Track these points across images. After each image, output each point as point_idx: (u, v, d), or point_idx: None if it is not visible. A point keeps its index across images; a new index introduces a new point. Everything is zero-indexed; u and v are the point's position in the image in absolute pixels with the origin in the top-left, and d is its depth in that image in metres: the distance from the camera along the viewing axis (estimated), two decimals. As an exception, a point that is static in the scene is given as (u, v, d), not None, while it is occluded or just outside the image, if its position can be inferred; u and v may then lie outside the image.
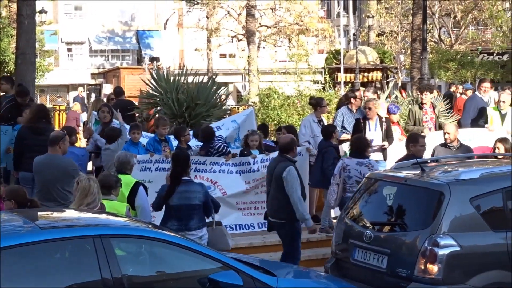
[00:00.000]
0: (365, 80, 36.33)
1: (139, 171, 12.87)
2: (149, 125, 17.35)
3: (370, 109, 14.58)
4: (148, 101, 18.31)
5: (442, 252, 8.46)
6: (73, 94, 65.00)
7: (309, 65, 24.84)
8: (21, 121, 13.68)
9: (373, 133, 14.39)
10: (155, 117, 16.38)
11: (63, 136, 11.35)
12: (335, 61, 39.32)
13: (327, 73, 35.16)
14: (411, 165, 9.87)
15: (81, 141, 19.05)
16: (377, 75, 36.75)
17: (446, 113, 20.38)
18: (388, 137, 14.60)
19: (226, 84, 25.13)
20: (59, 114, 31.10)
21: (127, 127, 14.15)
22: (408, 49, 44.18)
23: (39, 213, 8.09)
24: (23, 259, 6.62)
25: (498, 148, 12.35)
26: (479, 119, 15.84)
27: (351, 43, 54.45)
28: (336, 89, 30.88)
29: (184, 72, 18.23)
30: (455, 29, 52.24)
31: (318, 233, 12.70)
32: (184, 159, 10.46)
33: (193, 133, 14.78)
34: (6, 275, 6.44)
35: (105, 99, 21.36)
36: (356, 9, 58.77)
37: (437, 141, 13.18)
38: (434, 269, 8.45)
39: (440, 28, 51.51)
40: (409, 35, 40.47)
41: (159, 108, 17.64)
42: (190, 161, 10.60)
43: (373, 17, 50.07)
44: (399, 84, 42.91)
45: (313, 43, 51.11)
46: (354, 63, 37.22)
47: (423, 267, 8.52)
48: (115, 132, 13.79)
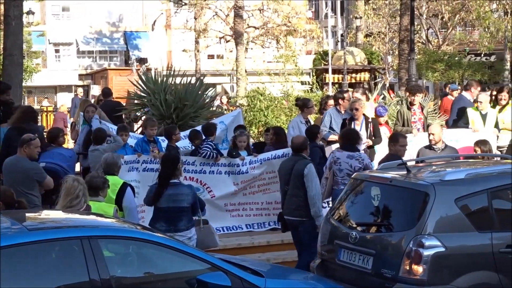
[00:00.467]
0: (353, 81, 36.41)
1: (127, 171, 12.82)
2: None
3: (357, 109, 14.60)
4: (136, 102, 18.28)
5: (427, 252, 8.41)
6: (61, 95, 65.01)
7: (296, 66, 24.86)
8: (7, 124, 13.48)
9: None
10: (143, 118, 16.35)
11: (28, 140, 11.13)
12: (323, 62, 39.42)
13: (315, 74, 35.26)
14: (397, 166, 9.87)
15: (69, 142, 19.01)
16: (365, 76, 36.84)
17: (434, 113, 20.47)
18: (375, 137, 14.63)
19: (214, 85, 25.03)
20: (46, 115, 31.08)
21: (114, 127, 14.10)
22: (395, 50, 44.29)
23: (27, 214, 8.06)
24: (10, 261, 6.59)
25: (476, 151, 12.37)
26: (459, 120, 15.90)
27: (339, 44, 54.54)
28: (324, 90, 30.95)
29: (172, 73, 18.20)
30: (443, 30, 52.37)
31: None
32: (173, 161, 10.41)
33: (189, 136, 14.61)
34: (-7, 276, 6.42)
35: (92, 100, 21.33)
36: (343, 10, 58.89)
37: (426, 142, 13.18)
38: (419, 270, 8.41)
39: (427, 29, 51.64)
40: (396, 36, 40.57)
41: (147, 109, 17.62)
42: (180, 163, 10.52)
43: (360, 18, 50.16)
44: (387, 85, 42.96)
45: (301, 44, 51.20)
46: (342, 64, 37.30)
47: (408, 268, 8.48)
48: (102, 133, 13.74)
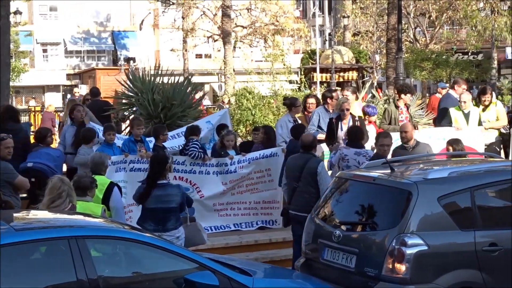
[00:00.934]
0: (341, 79, 36.50)
1: (114, 172, 12.78)
2: None
3: (348, 110, 14.60)
4: (124, 101, 18.24)
5: (409, 251, 8.42)
6: (49, 95, 64.88)
7: (284, 65, 24.86)
8: None
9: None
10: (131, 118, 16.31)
11: None
12: (311, 61, 39.47)
13: (303, 73, 35.29)
14: (381, 165, 9.87)
15: (57, 142, 18.95)
16: (353, 74, 36.92)
17: (421, 111, 20.53)
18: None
19: (202, 84, 24.99)
20: (34, 115, 31.01)
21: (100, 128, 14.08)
22: (383, 49, 44.35)
23: (14, 215, 8.02)
24: (-2, 261, 6.58)
25: (448, 149, 12.33)
26: (442, 119, 15.94)
27: (327, 43, 54.62)
28: (312, 89, 30.97)
29: (159, 72, 18.17)
30: (430, 29, 52.52)
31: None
32: (162, 162, 10.36)
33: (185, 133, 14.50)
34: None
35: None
36: (331, 9, 58.93)
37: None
38: (401, 268, 8.42)
39: (415, 27, 51.77)
40: (384, 35, 40.64)
41: (135, 108, 17.58)
42: (168, 164, 10.46)
43: (348, 17, 50.23)
44: (375, 83, 43.05)
45: (288, 43, 51.23)
46: (329, 63, 37.34)
47: (391, 267, 8.49)
48: (90, 132, 13.71)
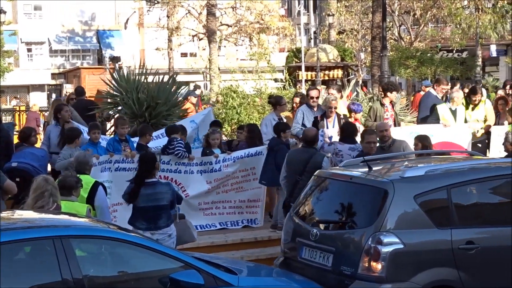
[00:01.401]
0: (326, 78, 36.59)
1: (100, 172, 12.78)
2: None
3: (335, 108, 14.65)
4: (109, 101, 18.20)
5: (385, 249, 8.43)
6: (34, 94, 64.64)
7: (269, 63, 24.87)
8: None
9: (331, 130, 14.45)
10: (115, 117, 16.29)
11: None
12: (296, 59, 39.56)
13: (288, 71, 35.32)
14: (360, 163, 9.88)
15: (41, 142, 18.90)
16: (338, 73, 37.01)
17: (406, 109, 20.61)
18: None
19: (187, 83, 24.99)
20: (19, 114, 30.93)
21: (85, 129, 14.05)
22: (368, 47, 44.39)
23: (-2, 215, 8.02)
24: (-18, 261, 6.56)
25: (416, 145, 12.38)
26: (428, 117, 16.00)
27: (312, 41, 54.66)
28: (297, 87, 31.02)
29: (144, 71, 18.13)
30: (415, 27, 52.58)
31: (269, 230, 13.35)
32: (150, 161, 10.36)
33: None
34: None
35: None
36: (316, 8, 58.93)
37: (398, 137, 13.17)
38: (377, 266, 8.42)
39: (399, 25, 51.82)
40: (369, 33, 40.65)
41: (119, 107, 17.55)
42: (157, 163, 10.50)
43: (333, 15, 50.27)
44: (360, 81, 43.14)
45: (274, 42, 51.20)
46: (315, 61, 37.43)
47: (367, 265, 8.50)
48: (74, 132, 13.66)
